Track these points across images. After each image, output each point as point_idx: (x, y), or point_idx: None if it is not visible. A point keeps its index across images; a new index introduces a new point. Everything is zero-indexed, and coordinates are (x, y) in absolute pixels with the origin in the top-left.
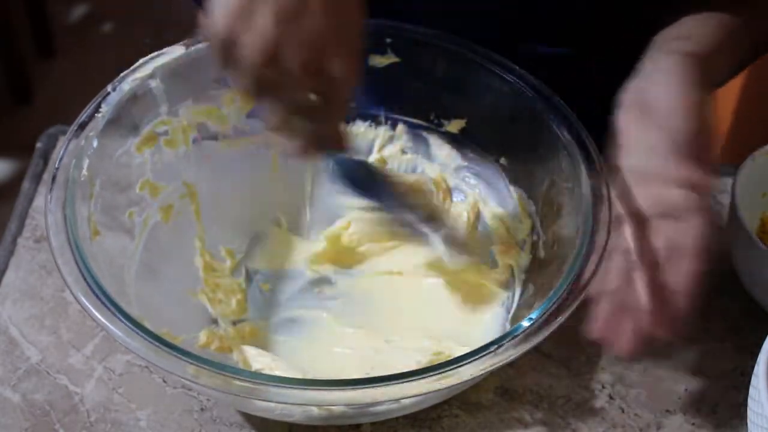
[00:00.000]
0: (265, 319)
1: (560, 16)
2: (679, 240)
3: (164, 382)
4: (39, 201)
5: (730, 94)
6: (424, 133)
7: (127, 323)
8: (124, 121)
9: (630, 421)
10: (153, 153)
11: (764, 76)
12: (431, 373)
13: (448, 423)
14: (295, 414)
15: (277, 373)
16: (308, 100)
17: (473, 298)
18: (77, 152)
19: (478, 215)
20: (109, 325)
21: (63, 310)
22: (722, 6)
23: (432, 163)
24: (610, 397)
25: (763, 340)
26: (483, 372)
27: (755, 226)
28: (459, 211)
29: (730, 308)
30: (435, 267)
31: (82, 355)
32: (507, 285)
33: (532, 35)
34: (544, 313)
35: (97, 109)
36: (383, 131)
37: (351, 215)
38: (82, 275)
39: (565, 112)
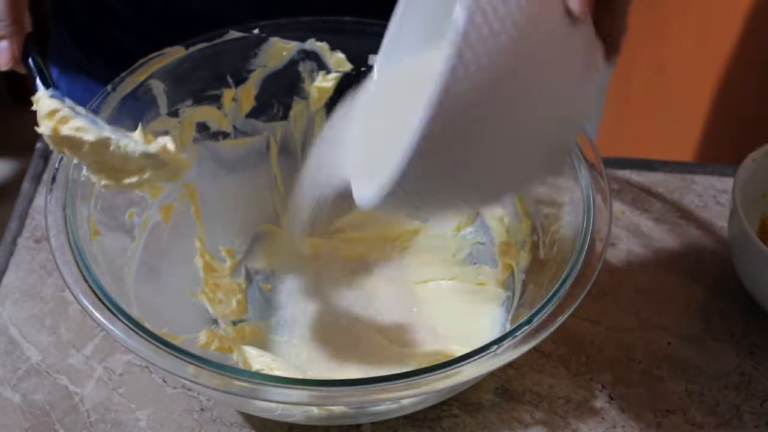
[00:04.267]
0: (265, 319)
1: None
2: None
3: (164, 382)
4: (39, 201)
5: (730, 94)
6: None
7: (127, 323)
8: (124, 121)
9: (630, 421)
10: None
11: (764, 76)
12: (431, 373)
13: (448, 423)
14: (295, 414)
15: (277, 373)
16: None
17: (473, 298)
18: None
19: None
20: (109, 325)
21: (63, 310)
22: None
23: None
24: (610, 397)
25: (763, 340)
26: (483, 372)
27: (755, 226)
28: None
29: (730, 308)
30: (436, 267)
31: (82, 355)
32: (507, 285)
33: None
34: (544, 313)
35: (97, 109)
36: None
37: (351, 215)
38: (82, 275)
39: None
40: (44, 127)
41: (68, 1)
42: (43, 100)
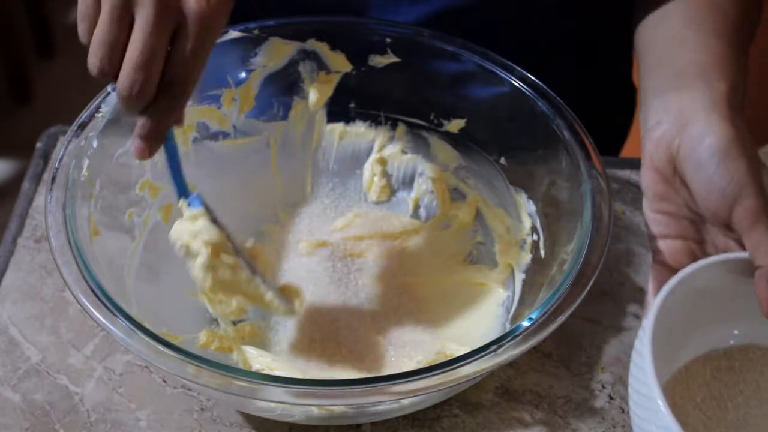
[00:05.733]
0: (264, 318)
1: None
2: None
3: (164, 382)
4: (39, 201)
5: None
6: (424, 133)
7: (127, 323)
8: (124, 121)
9: (630, 422)
10: None
11: (763, 76)
12: (431, 373)
13: (448, 423)
14: (295, 414)
15: (277, 373)
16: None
17: (473, 298)
18: (77, 152)
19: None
20: (109, 325)
21: (63, 310)
22: None
23: (432, 163)
24: (610, 397)
25: None
26: (483, 372)
27: None
28: (458, 212)
29: None
30: (436, 266)
31: (82, 355)
32: (507, 285)
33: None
34: (544, 313)
35: (97, 109)
36: (383, 131)
37: (351, 214)
38: (82, 275)
39: (565, 111)
40: (200, 254)
41: None
42: (204, 225)
